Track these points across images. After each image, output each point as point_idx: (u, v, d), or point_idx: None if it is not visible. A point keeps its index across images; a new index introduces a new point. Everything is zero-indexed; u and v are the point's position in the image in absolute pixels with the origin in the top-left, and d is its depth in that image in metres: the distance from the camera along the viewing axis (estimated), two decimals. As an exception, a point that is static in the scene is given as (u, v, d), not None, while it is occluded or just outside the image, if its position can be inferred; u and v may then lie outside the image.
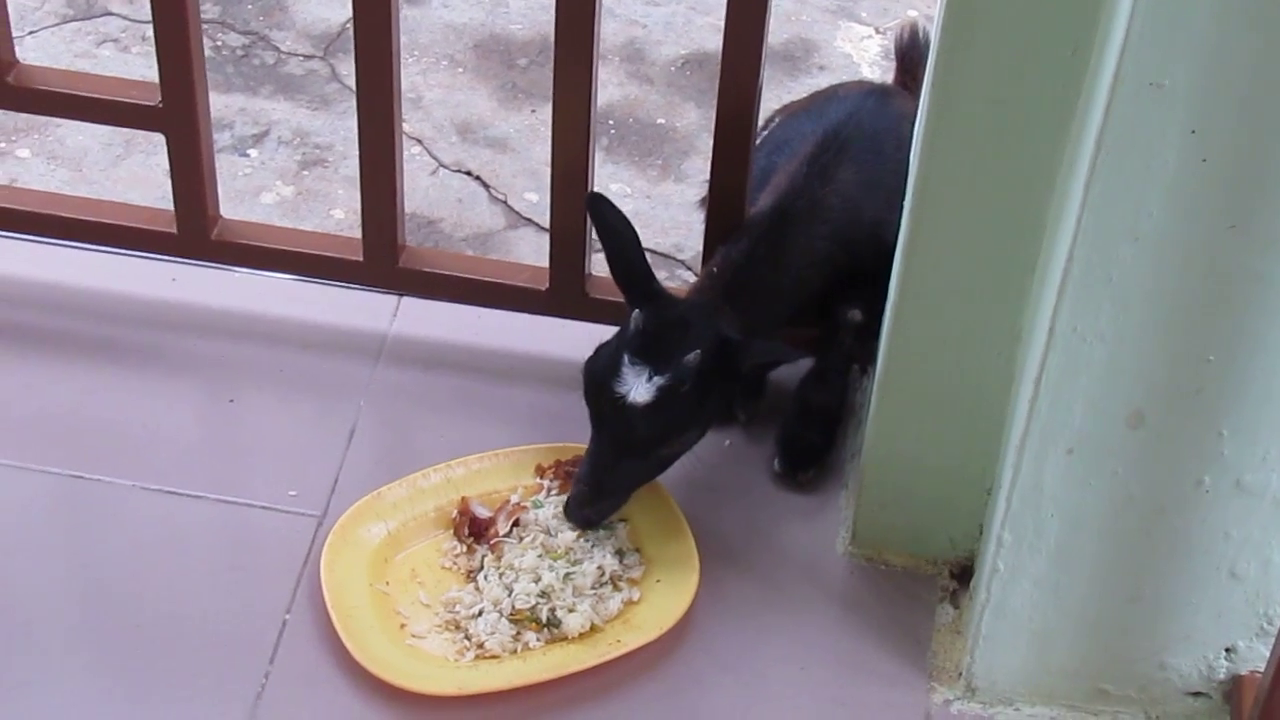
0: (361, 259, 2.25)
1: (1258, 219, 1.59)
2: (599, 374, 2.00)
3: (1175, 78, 1.53)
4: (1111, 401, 1.74)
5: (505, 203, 3.11)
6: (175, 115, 2.17)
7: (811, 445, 2.19)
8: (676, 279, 3.03)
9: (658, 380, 1.97)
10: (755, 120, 2.09)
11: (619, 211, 2.05)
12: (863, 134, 2.14)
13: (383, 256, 2.24)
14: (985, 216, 1.81)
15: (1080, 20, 1.66)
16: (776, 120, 2.37)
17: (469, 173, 3.17)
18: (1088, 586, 1.90)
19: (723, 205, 2.13)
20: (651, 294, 2.04)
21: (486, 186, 3.14)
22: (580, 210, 2.16)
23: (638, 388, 1.97)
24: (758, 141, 2.15)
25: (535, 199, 3.08)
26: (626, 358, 1.99)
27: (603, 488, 2.03)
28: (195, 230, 2.26)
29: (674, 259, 3.05)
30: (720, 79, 2.06)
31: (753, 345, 2.02)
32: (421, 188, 3.11)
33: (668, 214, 3.12)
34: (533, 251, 2.97)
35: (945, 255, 1.85)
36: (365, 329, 2.32)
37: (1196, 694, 1.96)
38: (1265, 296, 1.63)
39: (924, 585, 2.10)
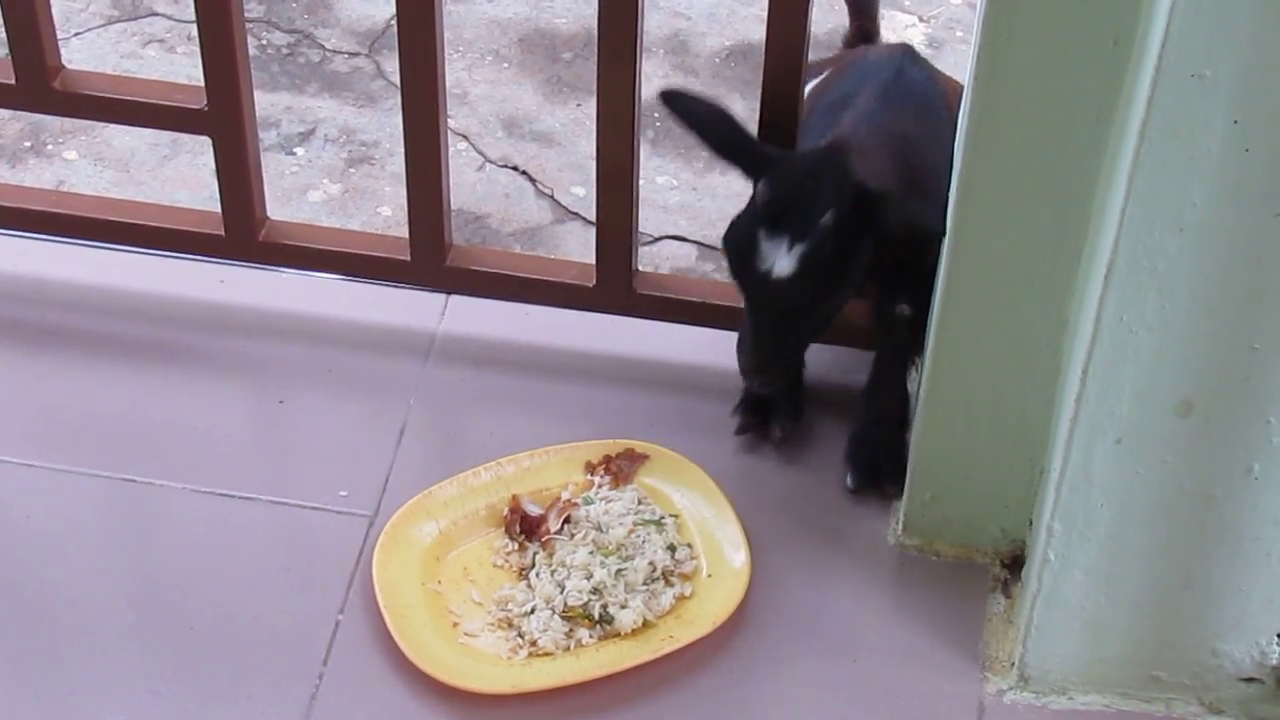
0: (409, 258, 2.26)
1: (1302, 207, 1.59)
2: (739, 251, 1.97)
3: (1217, 68, 1.53)
4: (1159, 391, 1.74)
5: (552, 197, 3.12)
6: (221, 119, 2.18)
7: (893, 451, 2.15)
8: (723, 272, 3.03)
9: (798, 249, 1.93)
10: (799, 110, 2.09)
11: (695, 97, 2.03)
12: (913, 90, 2.13)
13: (430, 255, 2.25)
14: (1030, 209, 1.81)
15: (1122, 11, 1.66)
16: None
17: (515, 168, 3.18)
18: (1139, 575, 1.89)
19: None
20: (767, 158, 2.00)
21: (533, 181, 3.15)
22: (627, 205, 2.17)
23: (779, 261, 1.94)
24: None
25: (582, 193, 3.09)
26: (762, 232, 1.95)
27: (768, 356, 2.01)
28: (243, 232, 2.27)
29: (721, 251, 3.05)
30: (764, 70, 2.06)
31: (891, 196, 1.96)
32: (468, 183, 3.12)
33: (714, 205, 3.12)
34: (580, 246, 2.98)
35: (990, 248, 1.85)
36: (414, 328, 2.33)
37: (1249, 680, 1.96)
38: (1311, 284, 1.63)
39: (975, 575, 2.10)
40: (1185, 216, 1.62)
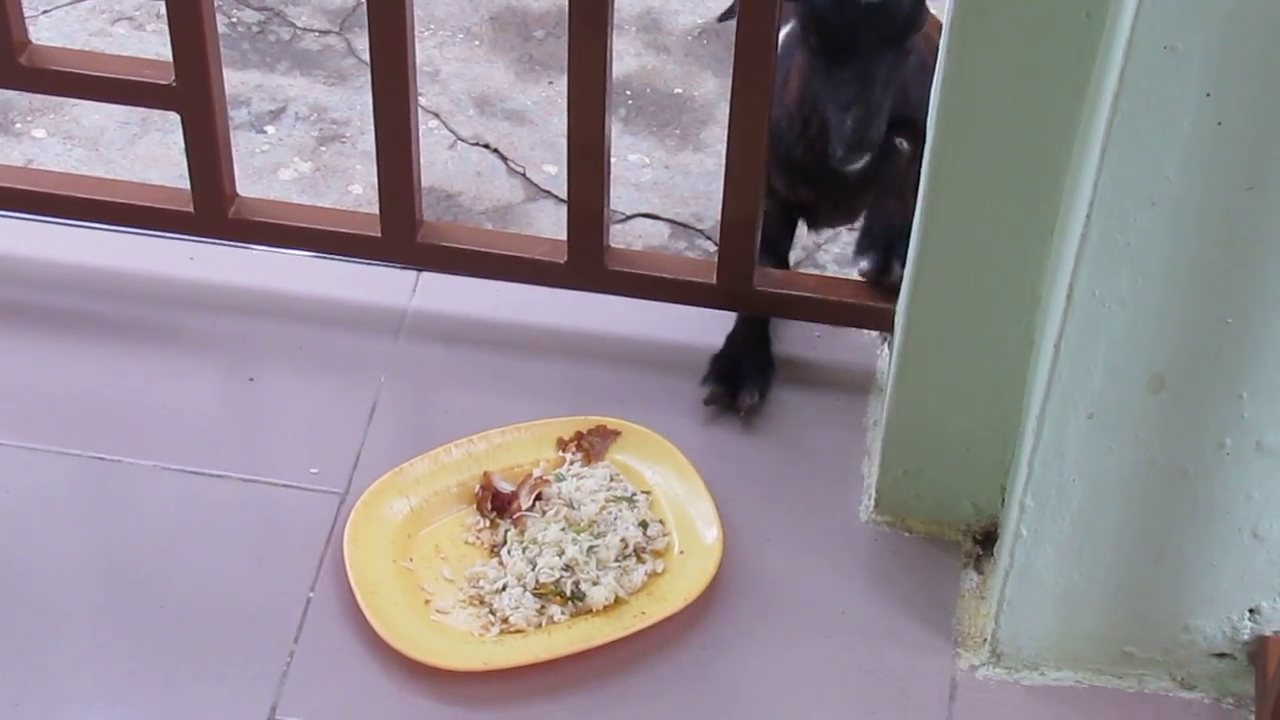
0: (379, 235, 2.25)
1: (1274, 180, 1.58)
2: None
3: (1189, 41, 1.53)
4: (1132, 366, 1.74)
5: (524, 175, 3.11)
6: (190, 94, 2.16)
7: (903, 233, 2.11)
8: (697, 249, 3.03)
9: None
10: (771, 87, 2.08)
11: None
12: None
13: (401, 232, 2.24)
14: (1003, 183, 1.81)
15: (1094, -16, 1.66)
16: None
17: (487, 146, 3.17)
18: (1111, 550, 1.89)
19: (741, 174, 2.13)
20: None
21: (505, 159, 3.14)
22: (598, 181, 2.16)
23: None
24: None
25: (554, 171, 3.08)
26: None
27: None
28: (212, 209, 2.26)
29: (693, 228, 3.05)
30: (736, 46, 2.05)
31: None
32: (440, 161, 3.11)
33: (687, 183, 3.12)
34: (552, 224, 2.97)
35: (963, 222, 1.85)
36: (385, 305, 2.32)
37: (1221, 655, 1.96)
38: (1279, 256, 1.63)
39: (948, 551, 2.10)
40: (1158, 190, 1.62)
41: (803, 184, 2.29)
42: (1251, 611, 1.92)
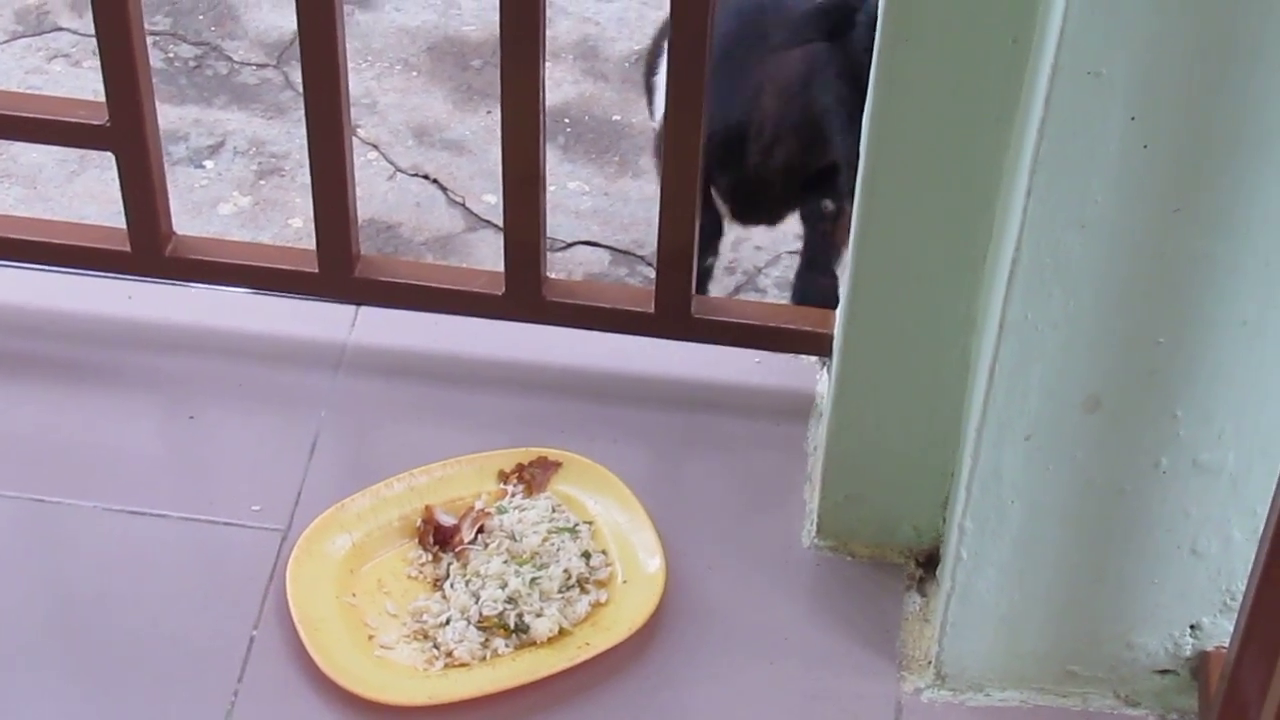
0: (317, 270, 2.25)
1: (1200, 201, 1.60)
2: None
3: (1113, 66, 1.54)
4: (1067, 387, 1.74)
5: (464, 205, 3.12)
6: (123, 133, 2.16)
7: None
8: (638, 275, 3.03)
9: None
10: (704, 111, 2.09)
11: None
12: None
13: (338, 267, 2.24)
14: (934, 208, 1.82)
15: (1020, 11, 1.66)
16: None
17: (426, 176, 3.18)
18: (1052, 570, 1.90)
19: (676, 201, 2.13)
20: None
21: (444, 190, 3.15)
22: (535, 211, 2.16)
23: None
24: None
25: (494, 201, 3.08)
26: None
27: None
28: (149, 248, 2.25)
29: (634, 255, 3.05)
30: (668, 75, 2.06)
31: None
32: (379, 193, 3.11)
33: (627, 210, 3.13)
34: (493, 253, 2.98)
35: (896, 248, 1.85)
36: (324, 339, 2.32)
37: (1164, 671, 1.97)
38: (1211, 277, 1.64)
39: (891, 575, 2.10)
40: (1087, 213, 1.62)
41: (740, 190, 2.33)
42: (1193, 628, 1.93)
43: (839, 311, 1.97)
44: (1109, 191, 1.61)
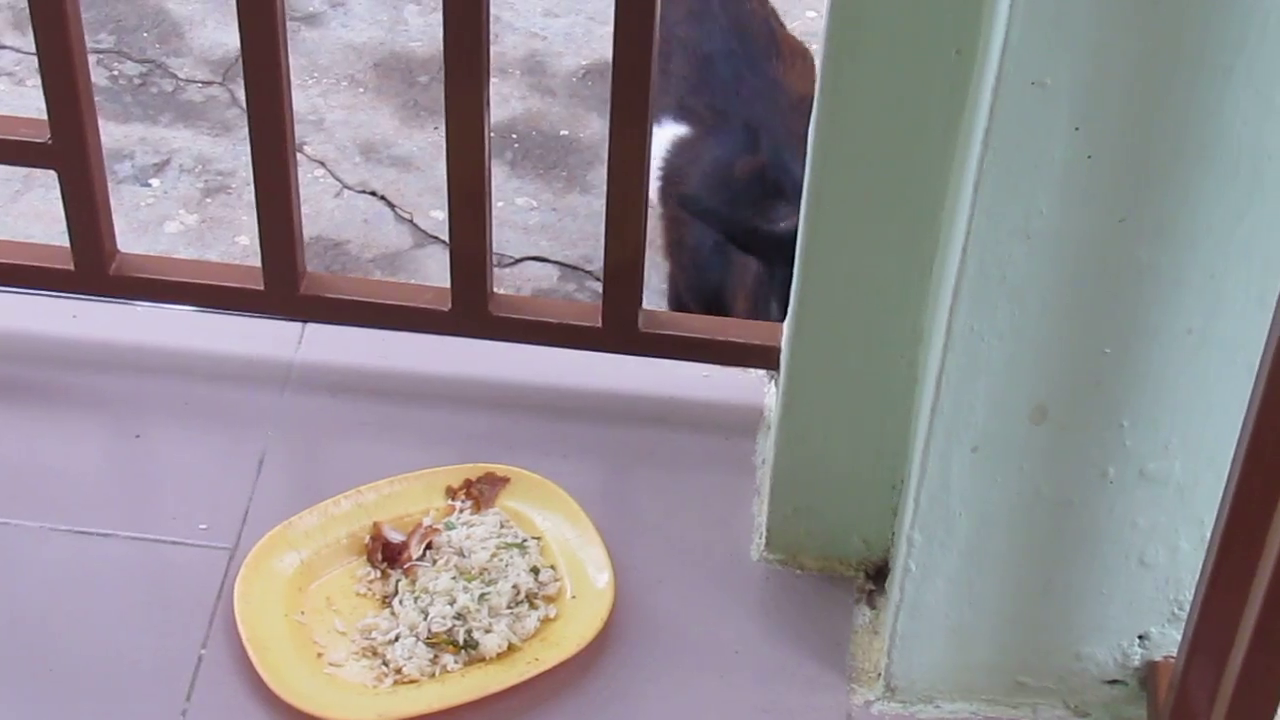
0: (262, 288, 2.24)
1: (1144, 211, 1.60)
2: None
3: (1057, 76, 1.54)
4: (1013, 398, 1.75)
5: (411, 222, 3.12)
6: (66, 150, 2.15)
7: None
8: (587, 290, 3.03)
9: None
10: (649, 126, 2.09)
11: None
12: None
13: (284, 284, 2.23)
14: (880, 221, 1.82)
15: (964, 22, 1.67)
16: None
17: (374, 193, 3.18)
18: (1001, 582, 1.90)
19: (622, 217, 2.13)
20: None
21: (392, 206, 3.14)
22: (481, 227, 2.15)
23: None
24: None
25: (441, 217, 3.08)
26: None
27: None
28: (92, 266, 2.24)
29: (583, 270, 3.05)
30: (612, 89, 2.05)
31: None
32: (327, 210, 3.11)
33: (575, 225, 3.13)
34: (441, 269, 2.96)
35: (841, 261, 1.85)
36: (270, 357, 2.31)
37: (1113, 681, 1.97)
38: (1156, 287, 1.64)
39: (840, 588, 2.10)
40: (1032, 224, 1.63)
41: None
42: (1141, 638, 1.93)
43: (786, 325, 1.97)
44: (1054, 202, 1.61)
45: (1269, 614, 1.53)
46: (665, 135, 2.20)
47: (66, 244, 2.25)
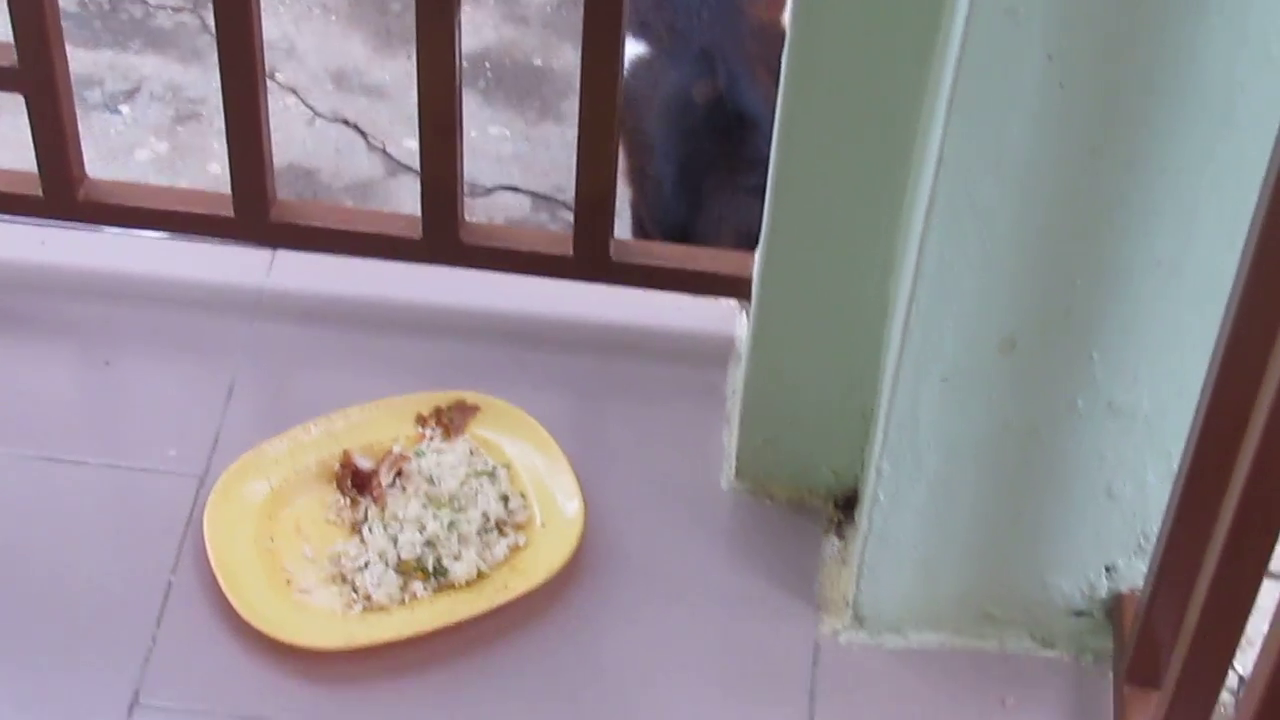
0: (232, 214, 2.23)
1: (1115, 142, 1.60)
2: None
3: (1029, 4, 1.53)
4: (983, 329, 1.75)
5: (384, 151, 3.10)
6: (33, 75, 2.13)
7: None
8: (559, 221, 3.03)
9: None
10: (621, 57, 2.08)
11: None
12: None
13: (254, 211, 2.22)
14: (853, 148, 1.81)
15: (936, -50, 1.66)
16: None
17: (346, 121, 3.16)
18: (969, 513, 1.91)
19: (594, 146, 2.12)
20: None
21: (364, 135, 3.13)
22: (452, 155, 2.15)
23: None
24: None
25: (414, 146, 3.06)
26: None
27: None
28: (61, 192, 2.23)
29: (555, 200, 3.05)
30: (584, 18, 2.05)
31: None
32: (298, 139, 3.09)
33: (548, 155, 3.12)
34: (413, 199, 2.93)
35: (814, 191, 1.85)
36: (240, 284, 2.30)
37: (1080, 613, 1.98)
38: (1126, 219, 1.64)
39: (809, 518, 2.11)
40: (1003, 154, 1.62)
41: None
42: (1108, 569, 1.94)
43: (757, 255, 1.97)
44: (1026, 132, 1.61)
45: (1233, 546, 1.54)
46: (624, 52, 2.19)
47: (35, 170, 2.24)
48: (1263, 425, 1.43)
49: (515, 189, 3.06)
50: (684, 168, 2.66)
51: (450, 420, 2.13)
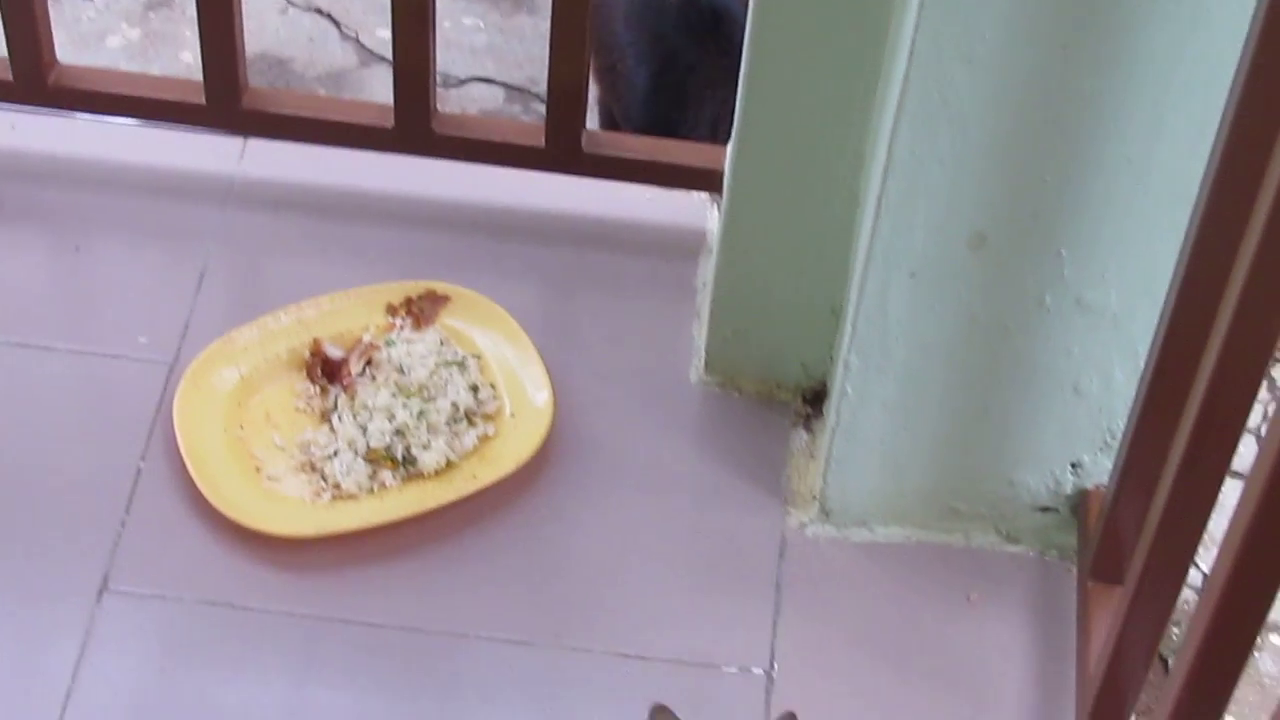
0: (204, 101, 2.22)
1: (1087, 39, 1.59)
2: None
3: (1001, -107, 1.53)
4: (952, 224, 1.75)
5: (357, 40, 3.09)
6: (4, -43, 2.12)
7: None
8: (532, 113, 3.02)
9: None
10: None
11: None
12: None
13: (225, 98, 2.21)
14: (824, 43, 1.81)
15: None
16: None
17: (319, 10, 3.14)
18: (936, 408, 1.92)
19: (567, 37, 2.11)
20: None
21: (337, 24, 3.11)
22: (424, 44, 2.14)
23: None
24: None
25: (386, 35, 3.04)
26: None
27: None
28: (31, 77, 2.21)
29: (529, 92, 3.04)
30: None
31: None
32: (271, 27, 3.08)
33: (522, 47, 3.11)
34: (385, 89, 2.92)
35: (785, 83, 1.85)
36: (212, 173, 2.29)
37: (1045, 509, 1.99)
38: (1097, 117, 1.64)
39: (778, 412, 2.12)
40: (975, 49, 1.62)
41: None
42: (1074, 466, 1.95)
43: (729, 148, 1.96)
44: (998, 27, 1.60)
45: (1197, 444, 1.55)
46: None
47: (4, 54, 2.23)
48: (1227, 325, 1.44)
49: (488, 80, 3.05)
50: (661, 68, 2.65)
51: (421, 310, 2.13)
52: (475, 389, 2.06)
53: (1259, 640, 1.97)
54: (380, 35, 3.06)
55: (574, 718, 1.89)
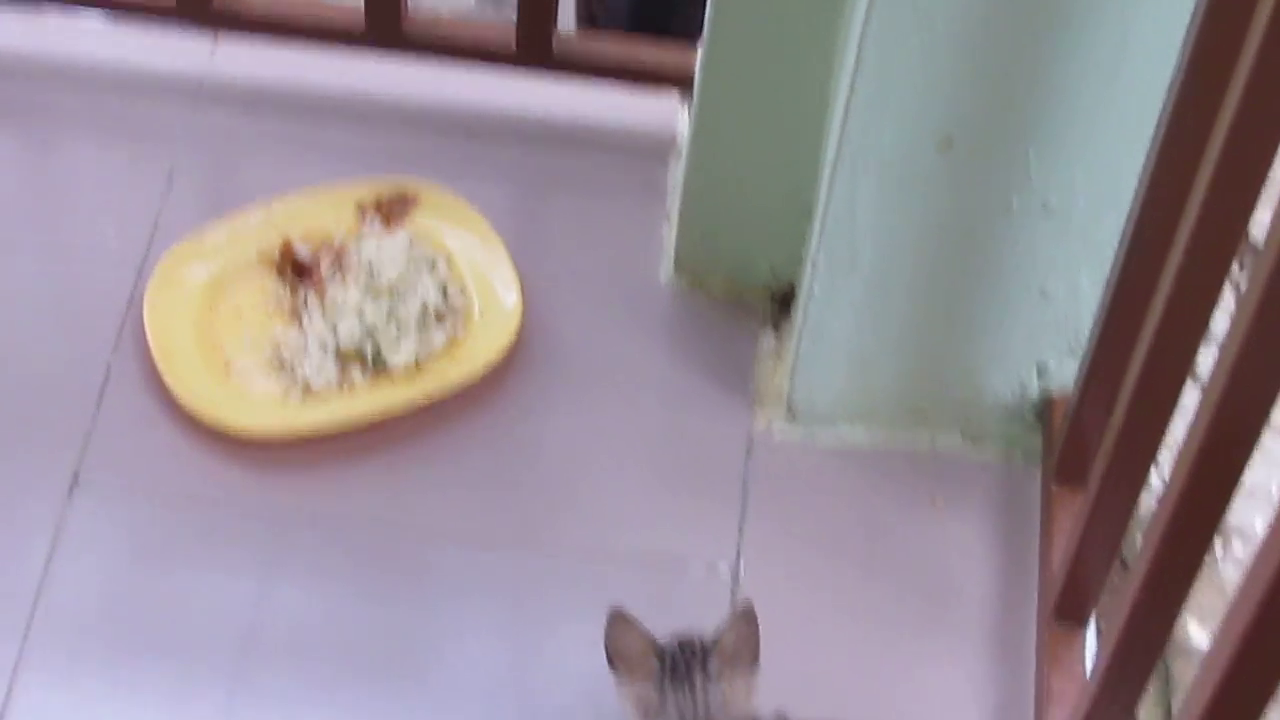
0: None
1: (1055, -59, 1.60)
2: None
3: None
4: (920, 125, 1.75)
5: (328, -61, 3.06)
6: None
7: None
8: (504, 18, 3.00)
9: None
10: None
11: None
12: None
13: (196, -4, 2.20)
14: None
15: None
16: None
17: (291, -91, 3.11)
18: (903, 309, 1.92)
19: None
20: None
21: (309, -77, 3.09)
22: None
23: None
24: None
25: (359, -65, 3.03)
26: None
27: None
28: (1, -28, 2.21)
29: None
30: None
31: None
32: (242, -75, 3.05)
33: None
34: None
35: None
36: (182, 71, 2.28)
37: (1010, 412, 2.00)
38: (1067, 19, 1.64)
39: (746, 313, 2.12)
40: (945, -51, 1.62)
41: None
42: (1039, 369, 1.96)
43: (699, 48, 1.96)
44: (967, -73, 1.60)
45: (1159, 348, 1.56)
46: None
47: (-28, -51, 2.22)
48: (1190, 230, 1.45)
49: (461, -19, 3.04)
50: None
51: (390, 209, 2.12)
52: (445, 289, 2.06)
53: (1222, 548, 1.99)
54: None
55: (542, 614, 1.90)
